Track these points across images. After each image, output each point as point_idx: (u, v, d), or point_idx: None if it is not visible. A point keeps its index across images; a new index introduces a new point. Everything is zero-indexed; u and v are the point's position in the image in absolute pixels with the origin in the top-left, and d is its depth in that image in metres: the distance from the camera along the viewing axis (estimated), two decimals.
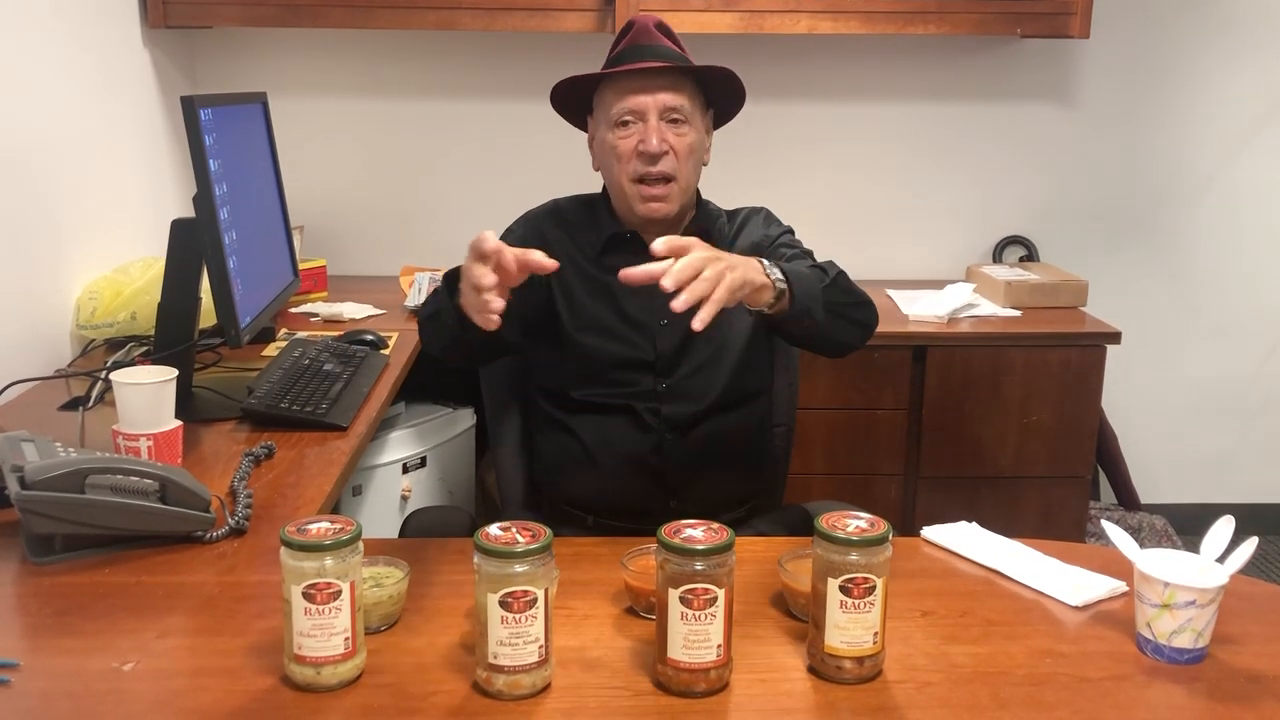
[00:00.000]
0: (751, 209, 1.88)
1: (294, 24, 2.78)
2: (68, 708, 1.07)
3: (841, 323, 1.60)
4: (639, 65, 1.68)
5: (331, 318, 2.62)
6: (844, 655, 1.13)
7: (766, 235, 1.83)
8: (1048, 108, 3.21)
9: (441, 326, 1.55)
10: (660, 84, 1.69)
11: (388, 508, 2.50)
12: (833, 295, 1.57)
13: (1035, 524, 2.74)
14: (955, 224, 3.27)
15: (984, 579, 1.40)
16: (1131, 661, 1.20)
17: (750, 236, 1.83)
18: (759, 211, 1.88)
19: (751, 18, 2.79)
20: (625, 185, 1.72)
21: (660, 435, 1.74)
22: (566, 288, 1.77)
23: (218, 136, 1.85)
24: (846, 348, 1.68)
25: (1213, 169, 3.28)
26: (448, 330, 1.53)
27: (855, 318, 1.64)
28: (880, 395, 2.71)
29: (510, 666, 1.08)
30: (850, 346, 1.67)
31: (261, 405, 1.82)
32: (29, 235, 2.15)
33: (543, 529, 1.10)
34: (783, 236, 1.84)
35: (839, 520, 1.14)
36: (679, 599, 1.09)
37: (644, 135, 1.68)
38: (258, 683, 1.11)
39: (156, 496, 1.38)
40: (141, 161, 2.68)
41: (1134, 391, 3.35)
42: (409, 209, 3.20)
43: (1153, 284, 3.33)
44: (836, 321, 1.58)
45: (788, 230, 1.86)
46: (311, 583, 1.07)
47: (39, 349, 2.16)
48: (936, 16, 2.81)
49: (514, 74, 3.11)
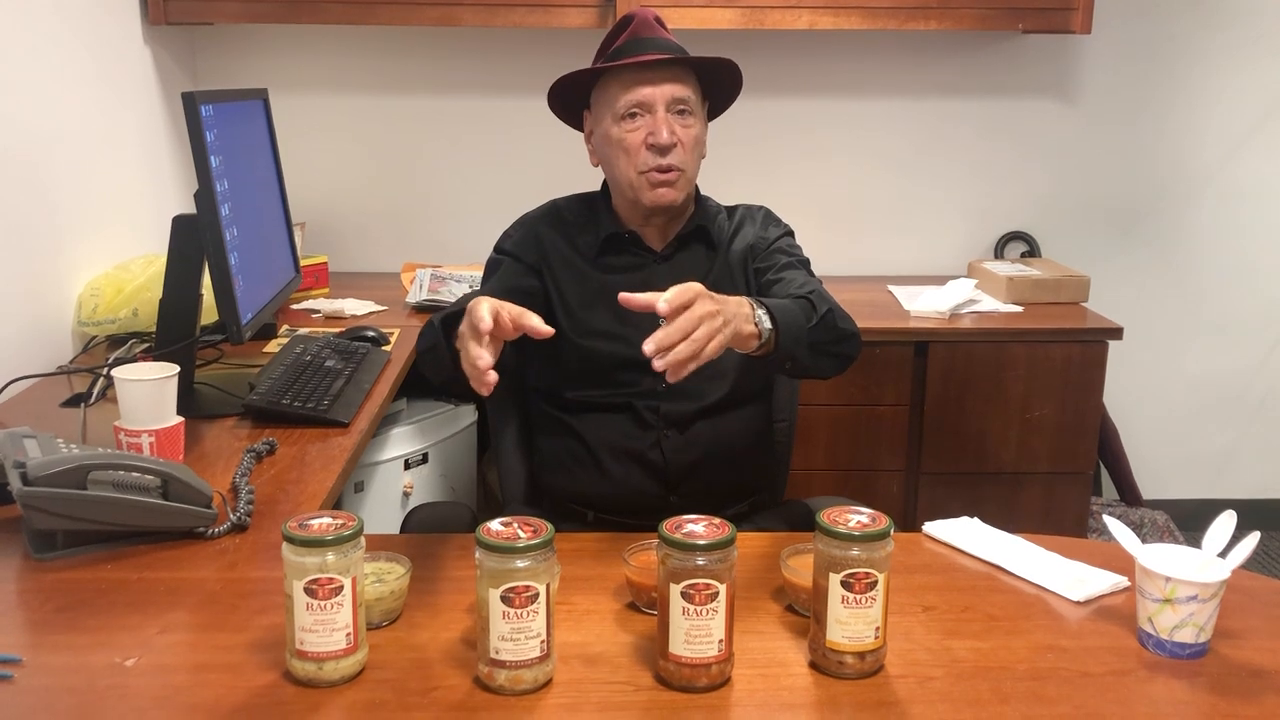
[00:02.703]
0: (751, 207, 1.88)
1: (295, 20, 2.78)
2: (70, 704, 1.07)
3: (823, 359, 1.59)
4: (646, 57, 1.67)
5: (333, 314, 2.62)
6: (845, 650, 1.13)
7: (763, 237, 1.82)
8: (1049, 103, 3.21)
9: (440, 363, 1.56)
10: (666, 75, 1.68)
11: (389, 504, 2.50)
12: (817, 335, 1.55)
13: (1037, 519, 2.74)
14: (957, 220, 3.27)
15: (986, 574, 1.40)
16: (1133, 656, 1.20)
17: (745, 238, 1.82)
18: (758, 211, 1.87)
19: (752, 13, 2.78)
20: (632, 178, 1.70)
21: (660, 432, 1.74)
22: (562, 291, 1.77)
23: (219, 133, 1.85)
24: (823, 377, 1.67)
25: (1215, 165, 3.27)
26: (445, 369, 1.53)
27: (836, 352, 1.62)
28: (882, 391, 2.70)
29: (512, 662, 1.08)
30: (826, 377, 1.67)
31: (263, 401, 1.82)
32: (30, 232, 2.15)
33: (544, 524, 1.11)
34: (780, 240, 1.82)
35: (840, 515, 1.14)
36: (680, 594, 1.09)
37: (653, 127, 1.67)
38: (260, 678, 1.11)
39: (158, 492, 1.38)
40: (143, 158, 2.68)
41: (1136, 387, 3.35)
42: (410, 205, 3.20)
43: (1155, 279, 3.33)
44: (818, 359, 1.57)
45: (787, 232, 1.85)
46: (313, 578, 1.07)
47: (41, 346, 2.16)
48: (938, 12, 2.80)
49: (515, 70, 3.11)
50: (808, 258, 1.82)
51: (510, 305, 1.32)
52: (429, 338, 1.59)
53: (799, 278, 1.72)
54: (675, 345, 1.29)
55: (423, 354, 1.64)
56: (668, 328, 1.29)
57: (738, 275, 1.78)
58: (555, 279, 1.78)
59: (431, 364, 1.62)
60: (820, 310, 1.58)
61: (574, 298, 1.76)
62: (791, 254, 1.80)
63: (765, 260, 1.79)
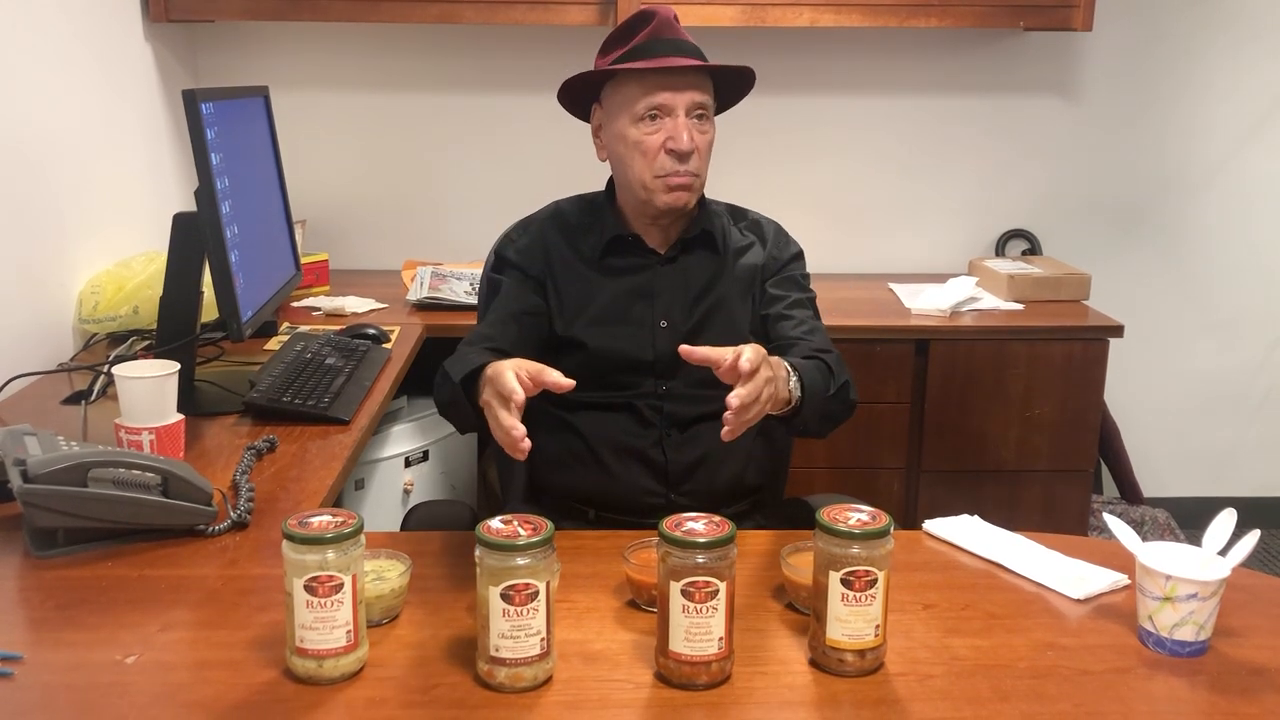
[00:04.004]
0: (763, 220, 1.86)
1: (296, 18, 2.78)
2: (70, 701, 1.07)
3: (827, 425, 1.67)
4: (671, 61, 1.64)
5: (333, 312, 2.62)
6: (845, 648, 1.13)
7: (775, 258, 1.81)
8: (1050, 101, 3.21)
9: (464, 419, 1.59)
10: (689, 81, 1.67)
11: (390, 501, 2.50)
12: (831, 405, 1.62)
13: (1037, 517, 2.74)
14: (958, 217, 3.27)
15: (986, 572, 1.40)
16: (1133, 654, 1.20)
17: (756, 255, 1.80)
18: (770, 225, 1.85)
19: (754, 10, 2.78)
20: (647, 180, 1.69)
21: (662, 431, 1.74)
22: (563, 294, 1.76)
23: (219, 130, 1.85)
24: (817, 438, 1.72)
25: (1216, 162, 3.27)
26: (470, 424, 1.58)
27: (839, 420, 1.70)
28: (882, 389, 2.70)
29: (512, 659, 1.09)
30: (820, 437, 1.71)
31: (263, 399, 1.82)
32: (31, 229, 2.15)
33: (544, 522, 1.11)
34: (793, 265, 1.82)
35: (840, 513, 1.14)
36: (680, 592, 1.09)
37: (673, 132, 1.65)
38: (260, 675, 1.11)
39: (159, 490, 1.38)
40: (143, 156, 2.68)
41: (1136, 385, 3.35)
42: (411, 203, 3.20)
43: (1155, 277, 3.32)
44: (824, 424, 1.65)
45: (799, 254, 1.84)
46: (314, 576, 1.07)
47: (41, 343, 2.16)
48: (939, 10, 2.80)
49: (516, 67, 3.10)
50: (814, 291, 1.83)
51: (529, 365, 1.37)
52: (446, 391, 1.60)
53: (808, 320, 1.76)
54: (750, 405, 1.35)
55: (445, 407, 1.66)
56: (748, 388, 1.34)
57: (744, 289, 1.78)
58: (557, 284, 1.77)
59: (456, 418, 1.65)
60: (838, 380, 1.64)
61: (576, 300, 1.76)
62: (803, 287, 1.81)
63: (777, 287, 1.78)
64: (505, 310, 1.74)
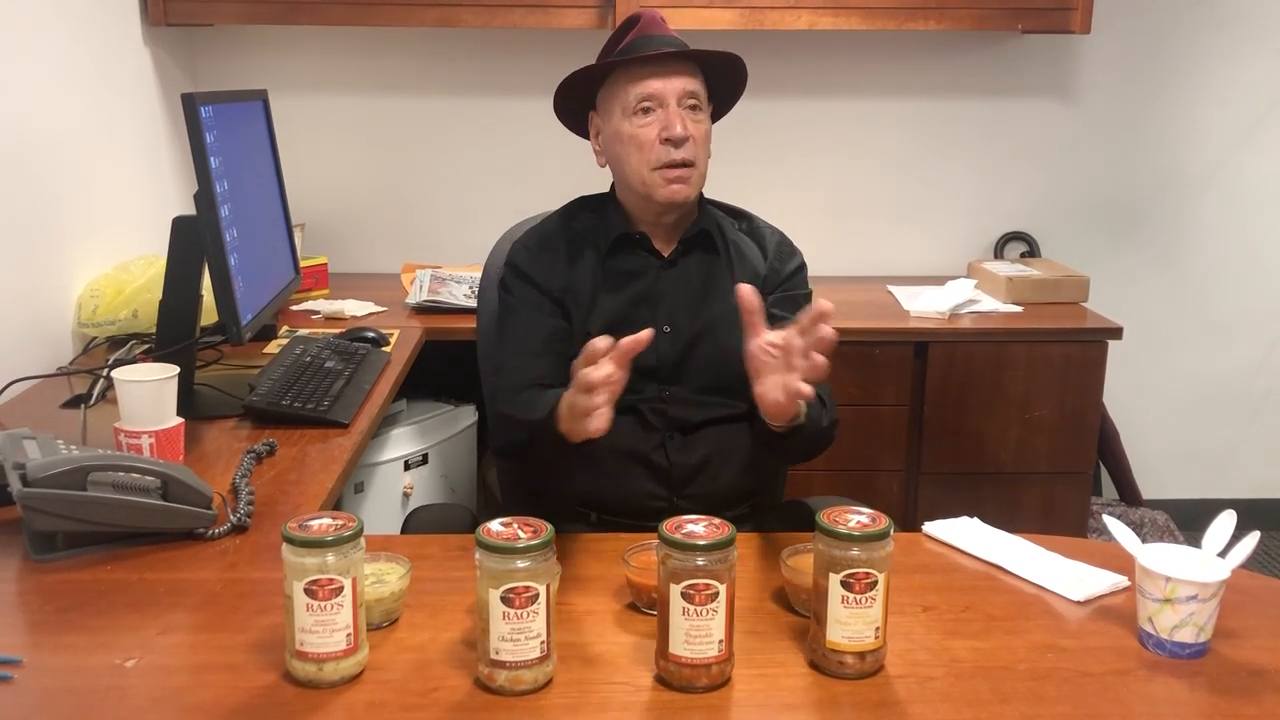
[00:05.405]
0: (765, 227, 1.85)
1: (295, 21, 2.78)
2: (70, 704, 1.07)
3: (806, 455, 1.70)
4: (658, 51, 1.67)
5: (333, 315, 2.62)
6: (845, 650, 1.13)
7: (776, 271, 1.80)
8: (1049, 103, 3.21)
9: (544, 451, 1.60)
10: (677, 69, 1.68)
11: (390, 505, 2.50)
12: (817, 438, 1.65)
13: (1037, 519, 2.74)
14: (956, 220, 3.27)
15: (985, 574, 1.40)
16: (1133, 656, 1.20)
17: (757, 264, 1.80)
18: (773, 235, 1.85)
19: (752, 13, 2.79)
20: (645, 174, 1.69)
21: (664, 435, 1.74)
22: (579, 305, 1.75)
23: (219, 134, 1.85)
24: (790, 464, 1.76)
25: (1214, 164, 3.28)
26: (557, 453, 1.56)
27: (813, 454, 1.72)
28: (882, 391, 2.70)
29: (512, 662, 1.08)
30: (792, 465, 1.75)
31: (263, 402, 1.82)
32: (30, 233, 2.15)
33: (544, 525, 1.11)
34: (796, 278, 1.82)
35: (840, 515, 1.14)
36: (680, 594, 1.09)
37: (666, 121, 1.66)
38: (260, 679, 1.11)
39: (158, 494, 1.38)
40: (142, 159, 2.68)
41: (1135, 387, 3.35)
42: (410, 206, 3.20)
43: (1154, 279, 3.33)
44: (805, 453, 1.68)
45: (802, 266, 1.84)
46: (313, 579, 1.07)
47: (40, 347, 2.16)
48: (937, 12, 2.80)
49: (515, 71, 3.11)
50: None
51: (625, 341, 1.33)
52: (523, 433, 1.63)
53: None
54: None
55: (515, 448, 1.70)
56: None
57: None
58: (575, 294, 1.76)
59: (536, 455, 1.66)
60: (831, 415, 1.68)
61: (586, 308, 1.76)
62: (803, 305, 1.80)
63: (778, 306, 1.77)
64: (536, 339, 1.74)
